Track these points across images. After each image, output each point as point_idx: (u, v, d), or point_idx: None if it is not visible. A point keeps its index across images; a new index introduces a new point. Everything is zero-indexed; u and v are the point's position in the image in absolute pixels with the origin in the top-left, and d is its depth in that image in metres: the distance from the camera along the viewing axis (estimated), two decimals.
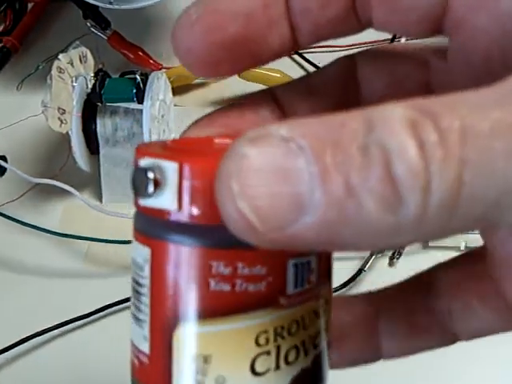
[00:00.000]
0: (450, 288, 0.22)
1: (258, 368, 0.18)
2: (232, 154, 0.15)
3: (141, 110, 0.51)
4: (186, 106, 0.59)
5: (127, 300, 0.49)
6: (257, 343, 0.18)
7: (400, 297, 0.23)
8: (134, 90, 0.50)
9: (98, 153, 0.53)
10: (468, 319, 0.22)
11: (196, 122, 0.21)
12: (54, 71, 0.51)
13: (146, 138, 0.50)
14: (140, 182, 0.17)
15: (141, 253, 0.19)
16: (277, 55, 0.20)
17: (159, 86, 0.52)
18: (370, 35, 0.22)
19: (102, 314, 0.49)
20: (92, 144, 0.53)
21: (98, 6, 0.59)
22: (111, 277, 0.52)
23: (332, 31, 0.19)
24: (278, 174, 0.14)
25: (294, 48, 0.20)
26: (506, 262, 0.21)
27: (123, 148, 0.52)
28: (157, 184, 0.17)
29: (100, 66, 0.56)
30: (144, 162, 0.17)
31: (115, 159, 0.53)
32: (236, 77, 0.58)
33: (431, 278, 0.23)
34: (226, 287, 0.18)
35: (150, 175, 0.17)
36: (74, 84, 0.52)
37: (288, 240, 0.15)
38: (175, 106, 0.57)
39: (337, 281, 0.49)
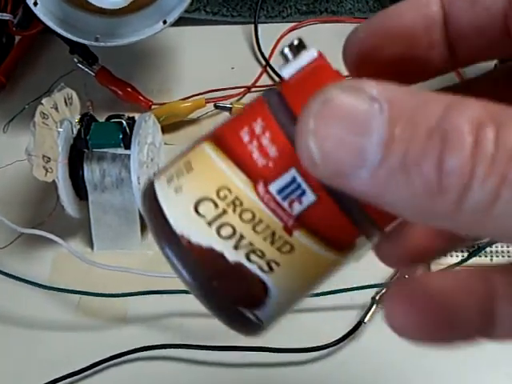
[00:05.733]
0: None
1: (201, 209, 0.19)
2: (321, 94, 0.16)
3: (129, 155, 0.48)
4: (176, 144, 0.57)
5: (122, 355, 0.47)
6: (217, 193, 0.19)
7: None
8: (121, 136, 0.48)
9: (87, 198, 0.51)
10: None
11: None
12: (37, 118, 0.48)
13: (134, 185, 0.48)
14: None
15: None
16: (438, 73, 0.22)
17: (147, 129, 0.50)
18: None
19: (95, 369, 0.47)
20: (80, 190, 0.51)
21: None
22: (104, 329, 0.50)
23: (488, 54, 0.21)
24: (353, 125, 0.16)
25: (453, 67, 0.22)
26: None
27: (112, 194, 0.50)
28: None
29: (88, 105, 0.54)
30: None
31: (104, 206, 0.51)
32: (227, 113, 0.56)
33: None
34: (246, 138, 0.19)
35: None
36: (59, 129, 0.49)
37: (340, 185, 0.16)
38: (165, 144, 0.55)
39: (334, 334, 0.47)
